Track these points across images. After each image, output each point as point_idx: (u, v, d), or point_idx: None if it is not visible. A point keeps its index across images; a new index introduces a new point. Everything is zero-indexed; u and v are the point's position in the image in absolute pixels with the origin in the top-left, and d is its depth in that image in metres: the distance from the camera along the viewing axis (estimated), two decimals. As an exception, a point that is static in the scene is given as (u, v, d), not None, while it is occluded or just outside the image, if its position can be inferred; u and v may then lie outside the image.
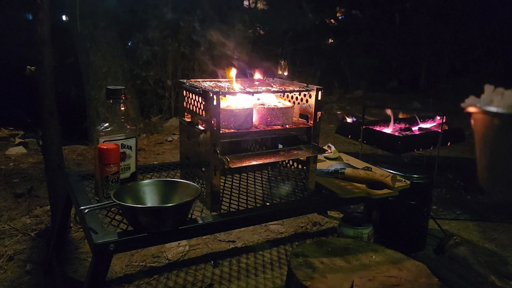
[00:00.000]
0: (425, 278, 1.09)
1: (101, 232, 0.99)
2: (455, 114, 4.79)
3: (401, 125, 2.59)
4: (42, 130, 1.68)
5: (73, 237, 1.81)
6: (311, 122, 1.26)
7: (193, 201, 1.05)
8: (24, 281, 1.50)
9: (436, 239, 1.81)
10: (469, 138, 3.68)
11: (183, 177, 1.38)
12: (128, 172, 1.26)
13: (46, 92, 1.64)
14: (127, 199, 1.05)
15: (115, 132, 1.21)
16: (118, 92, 1.22)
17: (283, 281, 1.53)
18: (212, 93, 1.09)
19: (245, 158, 1.15)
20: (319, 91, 1.23)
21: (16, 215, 2.00)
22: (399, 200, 1.65)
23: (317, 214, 2.12)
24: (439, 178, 2.62)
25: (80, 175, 1.41)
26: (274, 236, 1.92)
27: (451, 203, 2.32)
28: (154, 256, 1.69)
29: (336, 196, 1.31)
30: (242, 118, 1.19)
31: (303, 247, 1.23)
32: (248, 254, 1.74)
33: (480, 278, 1.56)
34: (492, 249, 1.85)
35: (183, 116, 1.33)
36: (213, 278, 1.55)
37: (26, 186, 2.34)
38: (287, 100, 1.37)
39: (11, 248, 1.71)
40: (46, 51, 1.62)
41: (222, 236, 1.87)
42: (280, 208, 1.24)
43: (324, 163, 1.59)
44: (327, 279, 1.06)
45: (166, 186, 1.14)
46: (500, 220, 2.15)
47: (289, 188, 1.35)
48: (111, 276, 1.54)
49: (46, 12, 1.60)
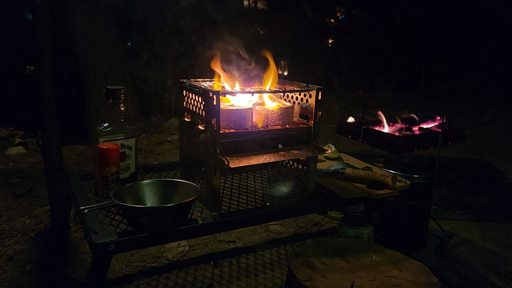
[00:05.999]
0: (425, 278, 1.09)
1: (101, 232, 0.99)
2: (455, 114, 4.80)
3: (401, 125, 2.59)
4: (42, 130, 1.68)
5: (73, 237, 1.81)
6: (311, 122, 1.26)
7: (193, 201, 1.05)
8: (24, 281, 1.50)
9: (437, 239, 1.80)
10: (470, 138, 3.69)
11: (183, 177, 1.38)
12: (128, 172, 1.26)
13: (46, 92, 1.64)
14: (127, 199, 1.05)
15: (115, 132, 1.21)
16: (118, 92, 1.22)
17: (283, 281, 1.53)
18: (212, 93, 1.09)
19: (245, 158, 1.15)
20: (319, 91, 1.23)
21: (15, 215, 2.00)
22: (399, 200, 1.65)
23: (317, 214, 2.12)
24: (440, 178, 2.62)
25: (80, 175, 1.41)
26: (274, 236, 1.92)
27: (452, 203, 2.32)
28: (154, 256, 1.69)
29: (336, 196, 1.31)
30: (242, 118, 1.19)
31: (303, 247, 1.23)
32: (248, 254, 1.74)
33: (480, 278, 1.56)
34: (493, 249, 1.85)
35: (183, 116, 1.33)
36: (213, 278, 1.55)
37: (26, 186, 2.34)
38: (287, 100, 1.37)
39: (11, 248, 1.71)
40: (46, 51, 1.62)
41: (222, 236, 1.87)
42: (280, 208, 1.24)
43: (324, 163, 1.58)
44: (327, 279, 1.06)
45: (166, 186, 1.13)
46: (501, 220, 2.15)
47: (289, 188, 1.35)
48: (111, 276, 1.54)
49: (46, 12, 1.60)
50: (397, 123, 2.42)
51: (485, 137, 4.02)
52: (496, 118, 4.85)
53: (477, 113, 5.10)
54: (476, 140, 3.88)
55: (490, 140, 3.94)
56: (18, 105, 3.65)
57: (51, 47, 1.63)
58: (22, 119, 3.57)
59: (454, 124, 3.08)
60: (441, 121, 2.39)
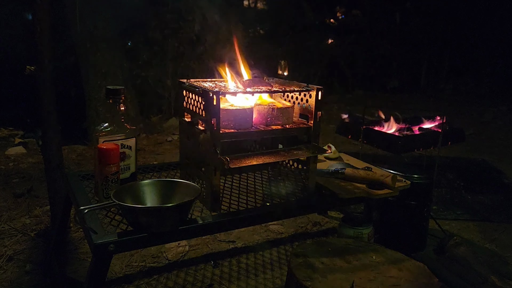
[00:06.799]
0: (425, 278, 1.09)
1: (101, 232, 0.99)
2: (455, 114, 4.80)
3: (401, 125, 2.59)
4: (42, 130, 1.68)
5: (73, 237, 1.81)
6: (311, 122, 1.26)
7: (193, 201, 1.05)
8: (24, 281, 1.50)
9: (437, 239, 1.80)
10: (470, 138, 3.69)
11: (183, 177, 1.38)
12: (128, 172, 1.26)
13: (46, 92, 1.64)
14: (127, 199, 1.05)
15: (115, 132, 1.21)
16: (117, 92, 1.22)
17: (283, 281, 1.53)
18: (212, 93, 1.08)
19: (245, 158, 1.15)
20: (319, 91, 1.23)
21: (15, 215, 2.00)
22: (399, 200, 1.65)
23: (317, 214, 2.12)
24: (440, 178, 2.62)
25: (80, 175, 1.41)
26: (274, 236, 1.92)
27: (452, 203, 2.32)
28: (154, 256, 1.69)
29: (336, 196, 1.31)
30: (242, 118, 1.19)
31: (303, 247, 1.23)
32: (248, 254, 1.74)
33: (480, 278, 1.56)
34: (493, 249, 1.85)
35: (183, 116, 1.33)
36: (213, 278, 1.55)
37: (26, 186, 2.34)
38: (287, 100, 1.37)
39: (11, 248, 1.71)
40: (46, 51, 1.62)
41: (222, 236, 1.87)
42: (280, 208, 1.24)
43: (324, 163, 1.58)
44: (327, 279, 1.06)
45: (166, 186, 1.13)
46: (501, 220, 2.15)
47: (289, 188, 1.35)
48: (111, 276, 1.54)
49: (46, 12, 1.60)
50: (399, 122, 2.42)
51: (485, 137, 4.02)
52: (496, 118, 4.85)
53: (477, 113, 5.10)
54: (476, 140, 3.88)
55: (490, 140, 3.94)
56: (18, 105, 3.66)
57: (51, 47, 1.63)
58: (22, 119, 3.57)
59: (454, 124, 3.08)
60: (441, 121, 2.39)
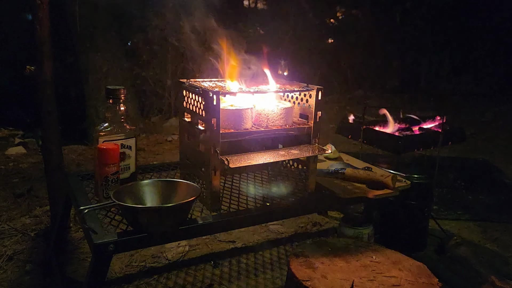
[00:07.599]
0: (425, 278, 1.09)
1: (101, 232, 0.99)
2: (455, 114, 4.80)
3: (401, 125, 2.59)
4: (42, 130, 1.68)
5: (73, 237, 1.81)
6: (311, 122, 1.26)
7: (193, 201, 1.04)
8: (24, 281, 1.50)
9: (437, 239, 1.80)
10: (470, 138, 3.68)
11: (183, 177, 1.38)
12: (128, 172, 1.26)
13: (46, 92, 1.64)
14: (127, 199, 1.05)
15: (114, 132, 1.21)
16: (117, 92, 1.22)
17: (283, 281, 1.53)
18: (212, 93, 1.08)
19: (245, 158, 1.15)
20: (319, 91, 1.23)
21: (15, 215, 2.00)
22: (399, 200, 1.65)
23: (317, 214, 2.11)
24: (440, 178, 2.62)
25: (80, 175, 1.41)
26: (274, 236, 1.92)
27: (452, 203, 2.32)
28: (154, 256, 1.69)
29: (336, 196, 1.31)
30: (242, 118, 1.19)
31: (303, 247, 1.23)
32: (248, 254, 1.74)
33: (481, 279, 1.55)
34: (493, 249, 1.85)
35: (183, 116, 1.33)
36: (213, 278, 1.55)
37: (26, 186, 2.34)
38: (287, 100, 1.36)
39: (11, 248, 1.71)
40: (46, 51, 1.62)
41: (222, 236, 1.87)
42: (280, 208, 1.24)
43: (324, 163, 1.58)
44: (327, 279, 1.06)
45: (166, 186, 1.13)
46: (501, 220, 2.14)
47: (289, 188, 1.35)
48: (111, 276, 1.54)
49: (46, 12, 1.60)
50: (400, 121, 2.41)
51: (485, 137, 4.02)
52: (496, 118, 4.85)
53: (477, 113, 5.10)
54: (477, 140, 3.88)
55: (490, 140, 3.93)
56: (18, 105, 3.66)
57: (51, 47, 1.63)
58: (22, 119, 3.57)
59: (455, 124, 3.07)
60: (441, 121, 2.39)
